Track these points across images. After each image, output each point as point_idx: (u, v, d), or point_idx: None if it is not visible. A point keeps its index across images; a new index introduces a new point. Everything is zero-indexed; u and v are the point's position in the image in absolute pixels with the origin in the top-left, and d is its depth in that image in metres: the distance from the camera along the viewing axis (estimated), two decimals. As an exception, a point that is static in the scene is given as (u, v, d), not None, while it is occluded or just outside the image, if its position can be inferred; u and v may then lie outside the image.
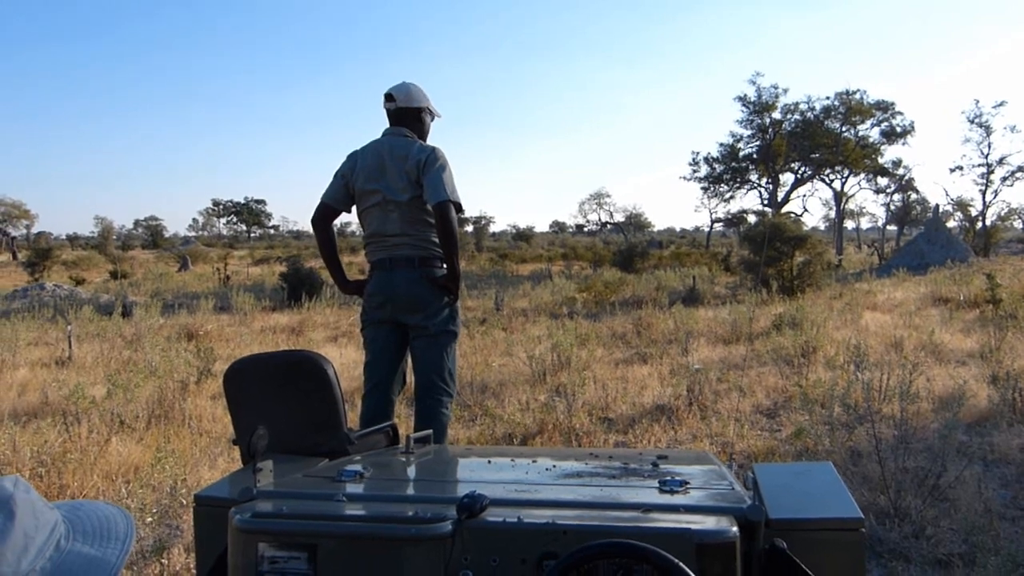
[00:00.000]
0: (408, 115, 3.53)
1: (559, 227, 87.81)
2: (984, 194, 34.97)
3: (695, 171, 40.80)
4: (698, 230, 73.82)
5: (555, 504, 1.39)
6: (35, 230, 63.16)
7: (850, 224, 55.30)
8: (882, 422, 4.77)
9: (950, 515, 3.38)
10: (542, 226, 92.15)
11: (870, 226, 63.02)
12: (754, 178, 39.67)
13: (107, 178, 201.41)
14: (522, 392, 6.12)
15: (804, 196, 42.91)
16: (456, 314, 3.51)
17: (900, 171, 40.71)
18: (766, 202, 39.36)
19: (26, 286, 18.39)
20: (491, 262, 31.26)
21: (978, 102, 40.75)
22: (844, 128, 37.70)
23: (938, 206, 30.89)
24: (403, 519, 1.31)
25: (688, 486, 1.45)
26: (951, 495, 3.62)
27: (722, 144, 39.78)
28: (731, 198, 41.39)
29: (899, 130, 38.32)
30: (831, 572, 1.32)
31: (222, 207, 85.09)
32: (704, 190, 41.49)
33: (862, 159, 37.50)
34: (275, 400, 2.03)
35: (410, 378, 3.62)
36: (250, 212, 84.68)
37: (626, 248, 27.18)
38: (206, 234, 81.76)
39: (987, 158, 34.91)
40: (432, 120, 3.66)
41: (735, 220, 43.79)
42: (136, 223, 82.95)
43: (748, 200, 67.44)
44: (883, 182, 42.06)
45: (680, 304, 11.73)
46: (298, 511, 1.40)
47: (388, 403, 3.40)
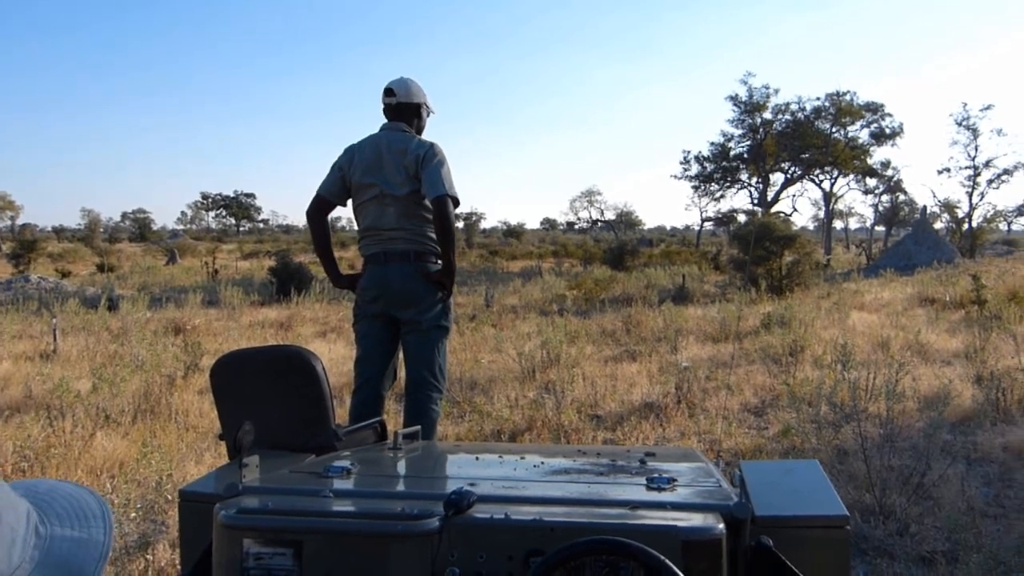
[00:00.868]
0: (407, 110, 3.54)
1: (550, 224, 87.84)
2: (971, 196, 35.19)
3: (686, 170, 40.92)
4: (688, 229, 73.92)
5: (542, 501, 1.39)
6: (20, 222, 62.77)
7: (839, 224, 55.55)
8: (868, 421, 4.80)
9: (934, 513, 3.40)
10: (533, 223, 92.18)
11: (858, 226, 63.34)
12: (744, 177, 39.80)
13: (94, 170, 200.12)
14: (511, 389, 6.12)
15: (793, 196, 43.17)
16: (449, 310, 3.51)
17: (889, 172, 40.95)
18: (756, 201, 39.49)
19: (11, 278, 18.23)
20: (482, 258, 31.28)
21: (966, 105, 40.90)
22: (834, 129, 37.86)
23: (925, 207, 31.09)
24: (390, 515, 1.31)
25: (675, 483, 1.45)
26: (935, 493, 3.65)
27: (713, 143, 39.94)
28: (721, 197, 41.52)
29: (888, 132, 38.52)
30: (816, 569, 1.33)
31: (211, 200, 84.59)
32: (695, 189, 41.61)
33: (851, 160, 37.66)
34: (262, 395, 2.02)
35: (400, 373, 3.62)
36: (239, 206, 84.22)
37: (616, 246, 27.20)
38: (195, 227, 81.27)
39: (974, 161, 35.13)
40: (428, 116, 3.67)
41: (725, 219, 43.88)
42: (123, 216, 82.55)
43: (738, 199, 67.75)
44: (872, 183, 42.29)
45: (670, 302, 11.76)
46: (284, 507, 1.39)
47: (378, 399, 3.39)
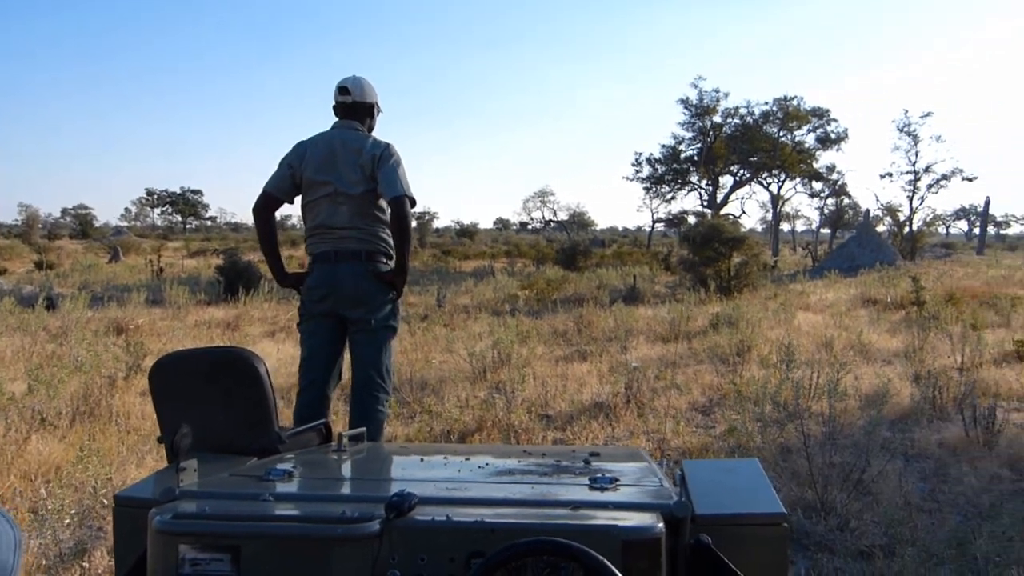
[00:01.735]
0: (360, 109, 3.53)
1: (503, 224, 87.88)
2: (911, 200, 36.17)
3: (638, 171, 41.33)
4: (640, 230, 74.69)
5: (485, 502, 1.39)
6: (-47, 217, 60.40)
7: (786, 226, 56.70)
8: (811, 419, 4.91)
9: (873, 508, 3.49)
10: (486, 223, 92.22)
11: (805, 229, 64.78)
12: (695, 180, 40.34)
13: (32, 164, 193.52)
14: (462, 389, 6.11)
15: (742, 198, 43.79)
16: (398, 310, 3.49)
17: (834, 176, 41.89)
18: (706, 203, 40.07)
19: (-56, 276, 17.57)
20: (434, 258, 31.12)
21: (907, 112, 42.04)
22: (781, 133, 38.61)
23: (868, 211, 31.96)
24: (330, 519, 1.29)
25: (618, 483, 1.46)
26: (874, 489, 3.74)
27: (664, 146, 40.37)
28: (672, 199, 42.02)
29: (833, 136, 39.46)
30: (755, 566, 1.35)
31: (156, 197, 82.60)
32: (646, 190, 42.03)
33: (798, 164, 38.47)
34: (203, 397, 1.98)
35: (346, 375, 3.58)
36: (186, 203, 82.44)
37: (569, 246, 27.33)
38: (139, 225, 79.15)
39: (914, 166, 36.12)
40: (378, 116, 3.66)
41: (676, 220, 44.43)
42: (64, 212, 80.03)
43: (689, 201, 68.63)
44: (818, 186, 43.22)
45: (621, 302, 11.86)
46: (221, 511, 1.36)
47: (324, 400, 3.35)
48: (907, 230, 34.81)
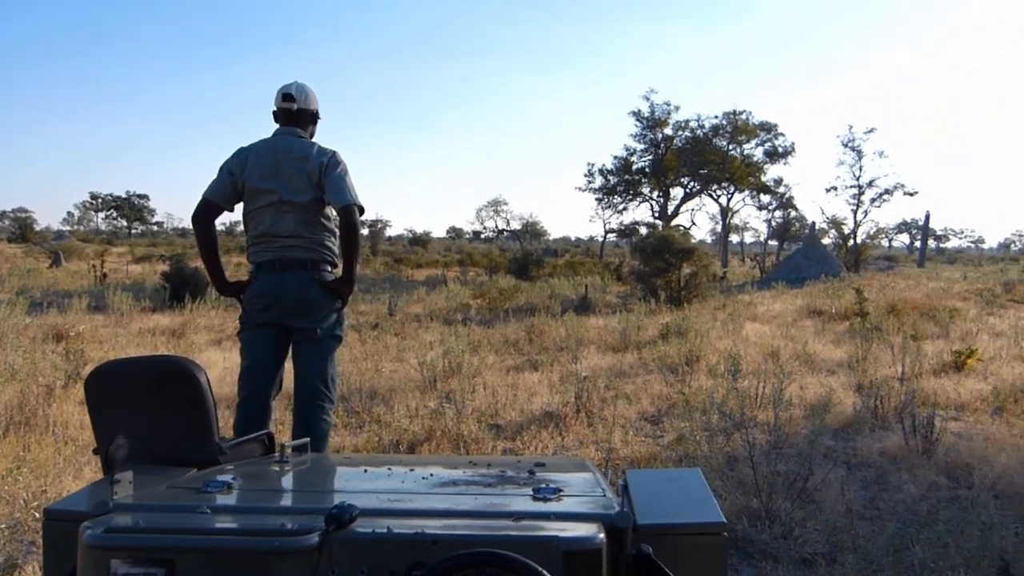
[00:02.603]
0: (304, 116, 3.50)
1: (456, 233, 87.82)
2: (855, 213, 37.17)
3: (590, 182, 41.61)
4: (593, 240, 75.24)
5: (427, 514, 1.38)
6: None
7: (735, 238, 57.78)
8: (757, 428, 4.99)
9: (816, 516, 3.54)
10: (439, 231, 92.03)
11: (753, 240, 65.98)
12: (646, 191, 40.79)
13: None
14: (412, 398, 6.06)
15: (693, 210, 44.37)
16: (343, 320, 3.45)
17: (781, 189, 42.79)
18: (657, 215, 40.56)
19: None
20: (386, 266, 30.91)
21: (851, 128, 43.43)
22: (730, 146, 39.32)
23: (814, 223, 32.73)
24: (268, 531, 1.26)
25: (561, 494, 1.46)
26: (817, 497, 3.81)
27: (616, 157, 40.76)
28: (624, 210, 42.40)
29: (781, 150, 40.30)
30: (695, 574, 1.36)
31: (101, 201, 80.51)
32: (598, 201, 42.34)
33: (746, 176, 39.19)
34: (141, 407, 1.92)
35: (287, 384, 3.53)
36: (131, 207, 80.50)
37: (522, 256, 27.40)
38: (82, 229, 76.98)
39: (858, 180, 37.14)
40: (317, 124, 3.63)
41: (628, 231, 44.91)
42: (2, 214, 77.47)
43: (640, 212, 69.32)
44: (765, 199, 44.10)
45: (572, 312, 11.92)
46: (156, 524, 1.32)
47: (265, 410, 3.29)
48: (851, 243, 35.73)
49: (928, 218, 46.48)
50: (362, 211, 3.36)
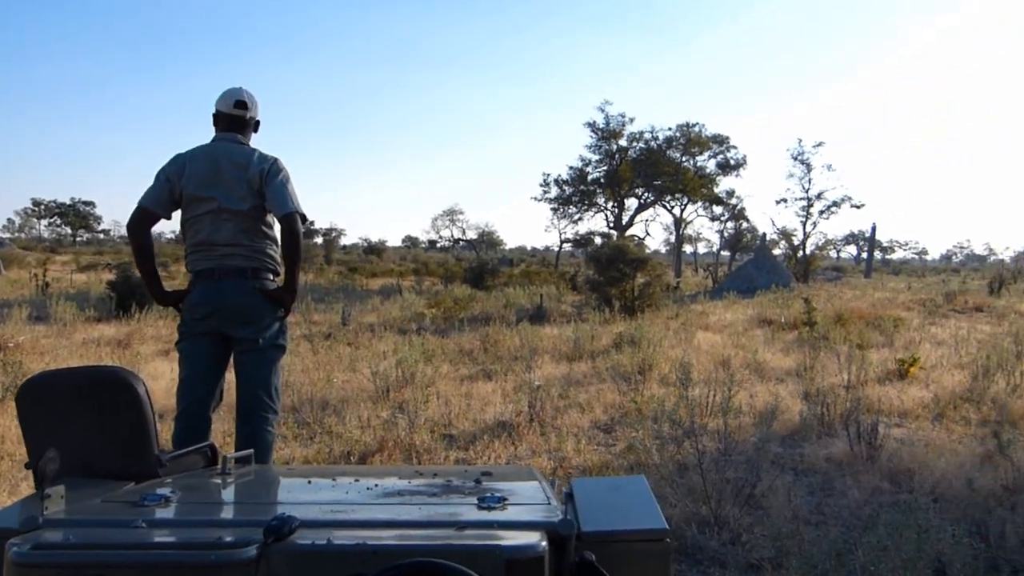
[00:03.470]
0: (248, 123, 3.45)
1: (412, 242, 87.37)
2: (804, 225, 37.97)
3: (545, 192, 41.79)
4: (548, 249, 75.58)
5: (369, 524, 1.36)
6: None
7: (688, 248, 58.47)
8: (707, 436, 5.05)
9: (763, 522, 3.60)
10: (395, 240, 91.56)
11: (706, 251, 66.87)
12: (601, 201, 41.13)
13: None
14: (364, 409, 6.00)
15: (647, 221, 44.84)
16: (286, 329, 3.41)
17: (733, 201, 43.54)
18: (612, 225, 40.91)
19: None
20: (340, 275, 30.57)
21: (800, 141, 44.34)
22: (684, 158, 39.86)
23: (765, 235, 33.28)
24: (203, 545, 1.24)
25: (506, 502, 1.46)
26: (765, 503, 3.87)
27: (572, 167, 41.03)
28: (579, 220, 42.67)
29: (733, 163, 40.99)
30: None
31: (44, 207, 78.19)
32: (554, 211, 42.56)
33: (699, 188, 39.75)
34: (76, 420, 1.86)
35: (228, 396, 3.47)
36: (76, 214, 78.31)
37: (477, 265, 27.39)
38: (24, 236, 74.63)
39: (807, 192, 37.97)
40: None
41: (583, 241, 45.22)
42: (-61, 222, 74.80)
43: (595, 222, 69.91)
44: (718, 210, 44.83)
45: (527, 322, 11.95)
46: (87, 540, 1.28)
47: (206, 422, 3.23)
48: (801, 254, 36.48)
49: (874, 230, 47.78)
50: (304, 219, 3.32)
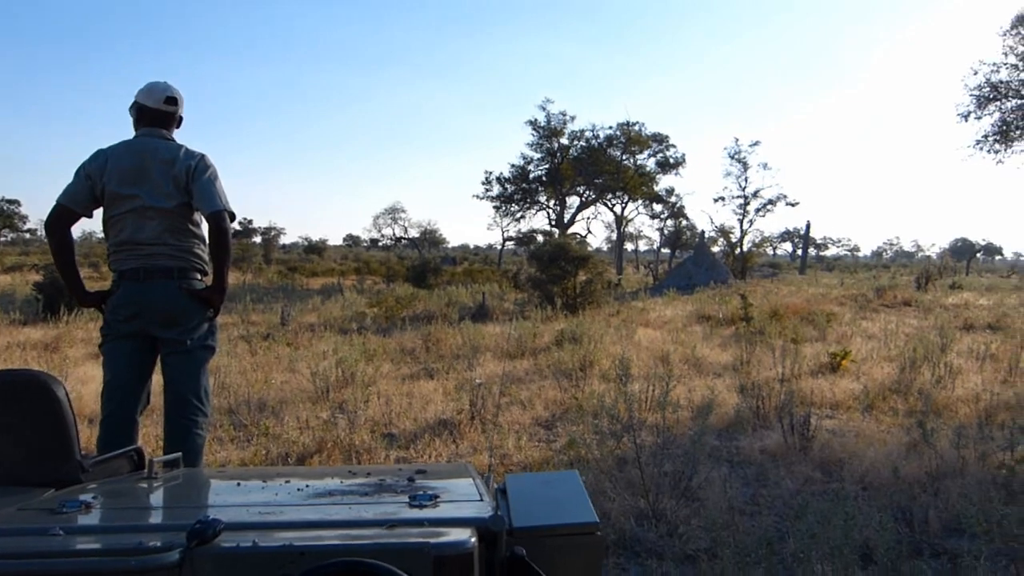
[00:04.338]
0: (174, 119, 3.36)
1: (353, 241, 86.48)
2: (742, 223, 38.73)
3: (488, 190, 41.83)
4: (491, 248, 75.69)
5: (297, 525, 1.34)
6: None
7: (629, 246, 59.20)
8: (646, 431, 5.12)
9: (699, 514, 3.67)
10: (336, 239, 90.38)
11: (647, 248, 67.85)
12: (543, 199, 41.37)
13: None
14: (303, 410, 5.91)
15: (588, 218, 45.17)
16: (216, 329, 3.33)
17: (673, 199, 44.22)
18: (554, 223, 41.16)
19: None
20: (280, 275, 30.05)
21: (737, 140, 45.19)
22: (624, 157, 40.33)
23: (703, 232, 33.96)
24: (124, 551, 1.20)
25: (438, 500, 1.45)
26: (701, 495, 3.94)
27: (513, 165, 41.15)
28: (522, 218, 42.84)
29: (672, 161, 41.63)
30: (570, 574, 1.38)
31: (-34, 207, 75.04)
32: (496, 209, 42.65)
33: (640, 186, 40.27)
34: None
35: (156, 398, 3.38)
36: (0, 213, 75.38)
37: (419, 264, 27.26)
38: (-55, 237, 71.53)
39: (744, 191, 38.74)
40: None
41: (525, 239, 45.36)
42: None
43: (537, 220, 70.27)
44: (658, 208, 45.45)
45: (469, 320, 11.93)
46: (2, 549, 1.24)
47: (132, 425, 3.14)
48: (738, 251, 37.22)
49: (808, 227, 48.99)
50: (233, 217, 3.25)
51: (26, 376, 1.82)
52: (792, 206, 40.58)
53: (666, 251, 51.04)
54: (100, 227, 3.34)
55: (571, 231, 39.84)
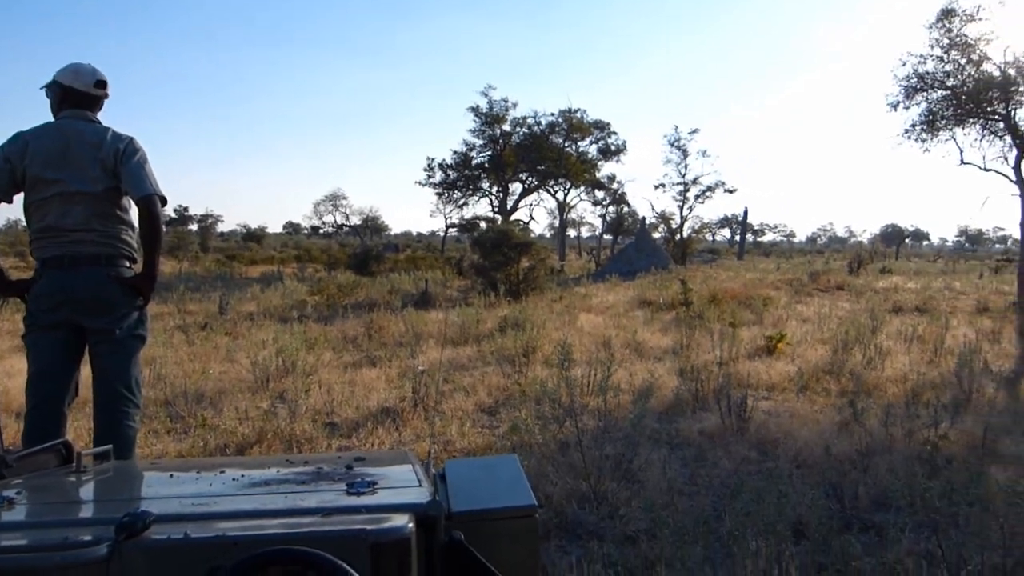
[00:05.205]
0: (100, 101, 3.24)
1: (293, 228, 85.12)
2: (682, 209, 39.40)
3: (430, 177, 41.53)
4: (434, 235, 75.30)
5: (230, 516, 1.32)
6: None
7: (572, 232, 59.76)
8: (588, 415, 5.18)
9: (640, 495, 3.74)
10: (275, 227, 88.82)
11: (589, 235, 68.46)
12: (486, 186, 41.28)
13: None
14: (242, 400, 5.81)
15: (531, 205, 45.48)
16: (146, 318, 3.24)
17: (614, 186, 44.70)
18: (496, 209, 41.15)
19: None
20: (218, 263, 29.39)
21: (677, 128, 45.83)
22: (566, 143, 40.50)
23: (644, 219, 34.38)
24: (48, 546, 1.16)
25: (376, 487, 1.44)
26: (641, 477, 4.01)
27: (456, 152, 40.95)
28: (464, 204, 42.69)
29: (613, 148, 42.01)
30: (508, 558, 1.39)
31: None
32: (439, 196, 42.41)
33: (582, 173, 40.52)
34: None
35: (85, 391, 3.29)
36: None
37: (362, 251, 26.96)
38: None
39: (684, 178, 39.39)
40: None
41: (468, 226, 45.29)
42: None
43: (480, 207, 70.32)
44: (600, 195, 45.94)
45: (412, 307, 11.87)
46: None
47: (59, 418, 3.04)
48: (679, 237, 37.84)
49: (746, 214, 50.05)
50: (164, 202, 3.17)
51: None
52: (730, 193, 41.40)
53: (608, 237, 51.60)
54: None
55: (514, 218, 39.92)
